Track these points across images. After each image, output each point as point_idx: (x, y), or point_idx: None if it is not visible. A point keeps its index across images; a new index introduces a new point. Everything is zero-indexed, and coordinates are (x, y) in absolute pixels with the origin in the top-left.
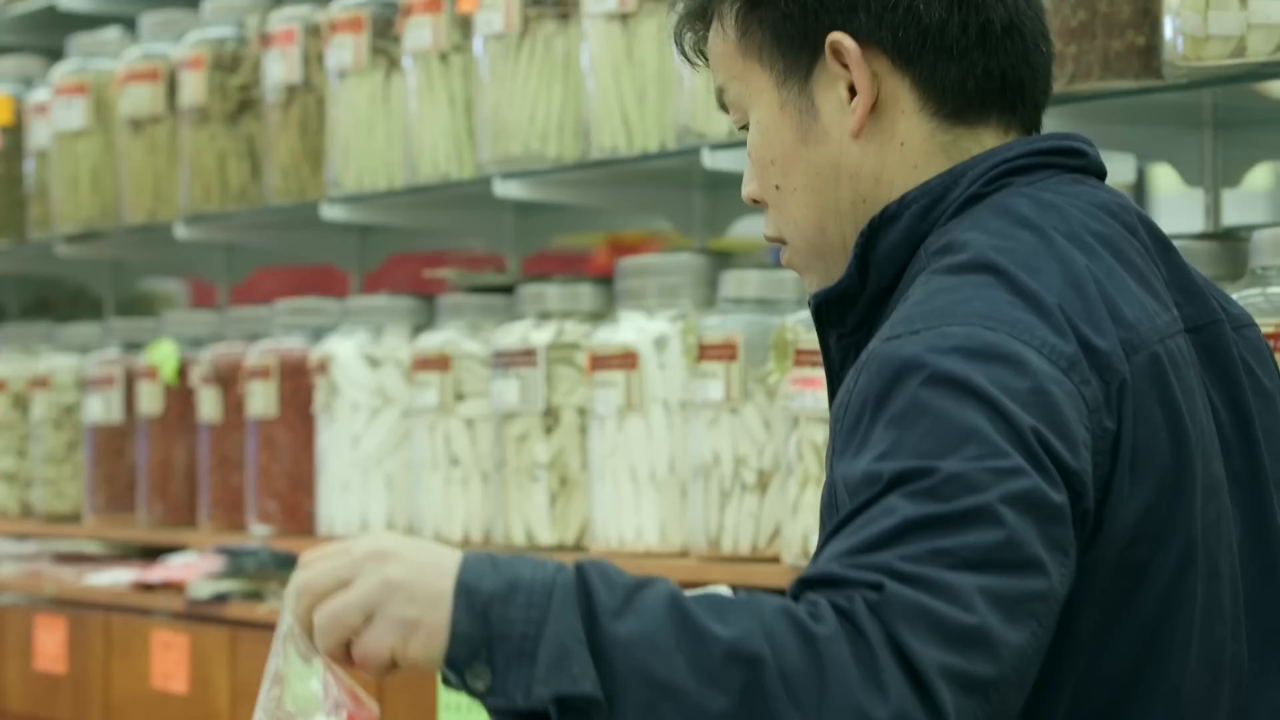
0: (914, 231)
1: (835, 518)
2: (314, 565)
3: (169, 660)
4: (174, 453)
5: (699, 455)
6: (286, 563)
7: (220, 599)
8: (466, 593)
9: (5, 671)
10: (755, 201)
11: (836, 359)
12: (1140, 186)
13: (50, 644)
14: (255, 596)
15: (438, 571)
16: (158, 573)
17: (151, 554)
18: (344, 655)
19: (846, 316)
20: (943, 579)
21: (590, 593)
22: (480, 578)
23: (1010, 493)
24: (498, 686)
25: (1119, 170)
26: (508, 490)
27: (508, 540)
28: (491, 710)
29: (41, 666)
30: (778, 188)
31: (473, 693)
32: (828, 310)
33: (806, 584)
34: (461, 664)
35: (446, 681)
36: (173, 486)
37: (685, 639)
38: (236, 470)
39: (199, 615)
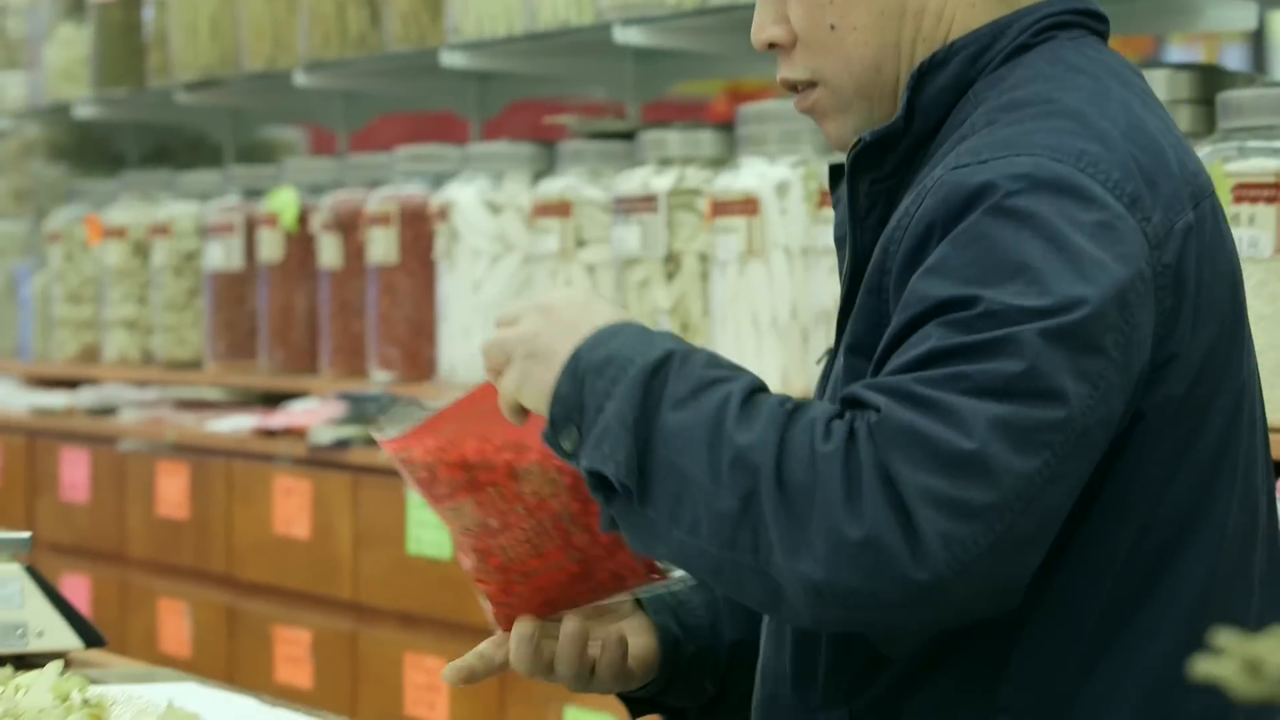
0: (961, 77)
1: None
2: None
3: (291, 506)
4: (294, 299)
5: (820, 301)
6: (408, 409)
7: (342, 445)
8: (575, 359)
9: (128, 518)
10: (773, 46)
11: (864, 205)
12: (1260, 35)
13: (172, 490)
14: (376, 442)
15: (572, 334)
16: (279, 419)
17: (272, 400)
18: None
19: (885, 159)
20: (950, 403)
21: (665, 379)
22: (594, 347)
23: (1045, 327)
24: (579, 450)
25: (1240, 17)
26: None
27: None
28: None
29: (164, 513)
30: (833, 27)
31: (562, 452)
32: (867, 153)
33: (844, 402)
34: (558, 423)
35: (546, 437)
36: (293, 333)
37: (713, 438)
38: (357, 317)
39: (320, 461)
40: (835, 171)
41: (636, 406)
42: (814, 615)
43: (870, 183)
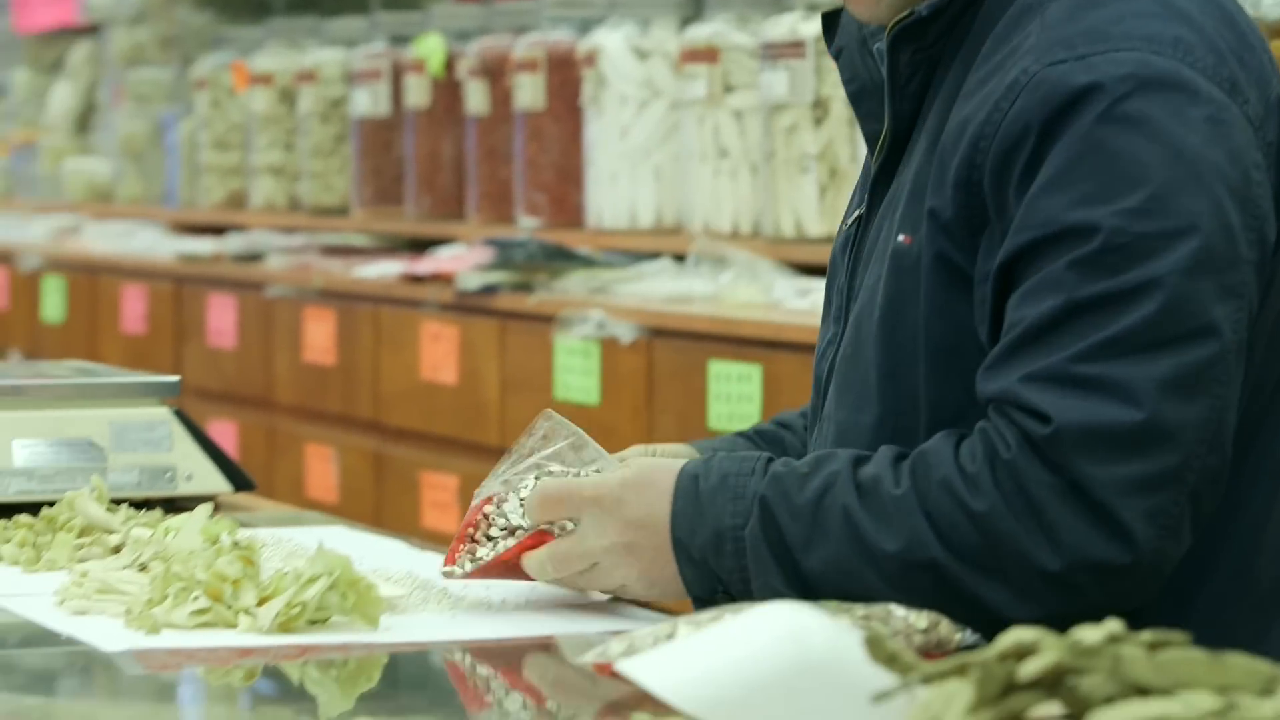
0: None
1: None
2: (548, 511)
3: (438, 352)
4: (441, 145)
5: None
6: (555, 254)
7: (489, 290)
8: (683, 549)
9: (275, 363)
10: None
11: (905, 74)
12: None
13: (319, 336)
14: (524, 288)
15: (654, 530)
16: (426, 264)
17: (419, 246)
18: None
19: (929, 31)
20: (1114, 378)
21: (780, 532)
22: (691, 533)
23: (1180, 258)
24: None
25: None
26: (777, 182)
27: (777, 232)
28: None
29: (311, 358)
30: None
31: None
32: (914, 26)
33: (989, 401)
34: (705, 598)
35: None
36: (440, 179)
37: (866, 558)
38: (504, 163)
39: (468, 306)
40: (828, 21)
41: (775, 571)
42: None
43: (913, 52)
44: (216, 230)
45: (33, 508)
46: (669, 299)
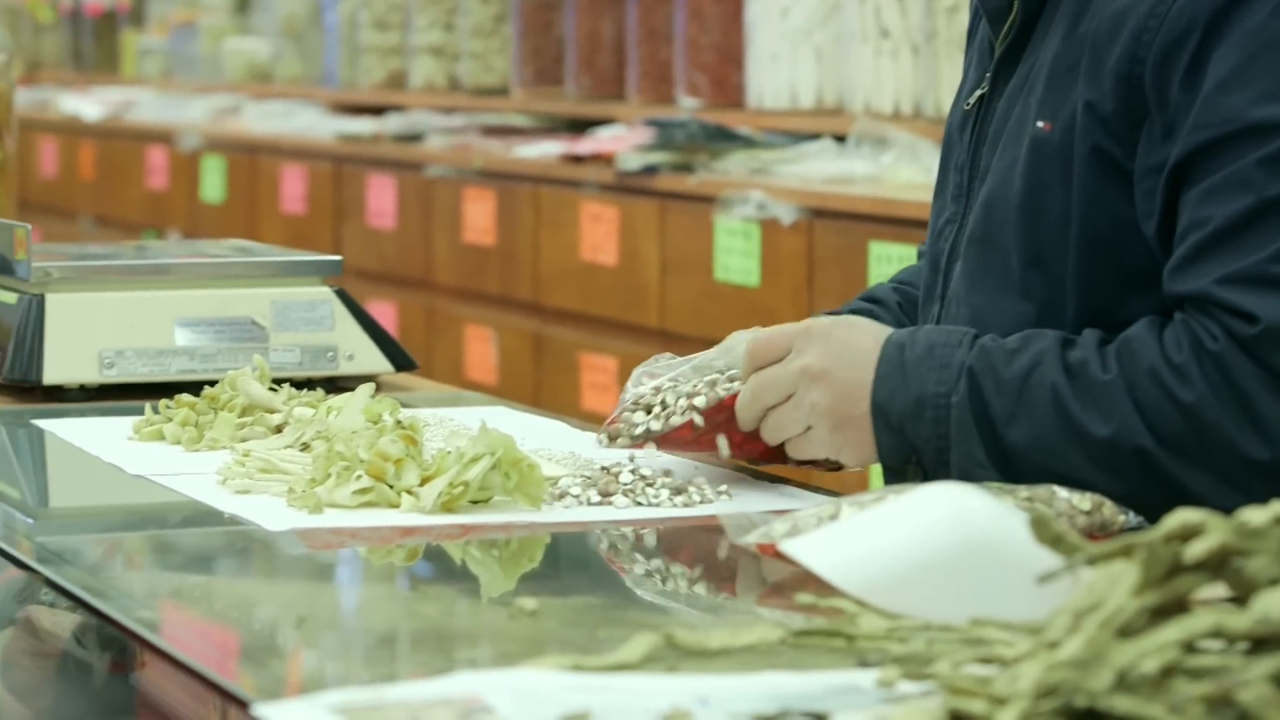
0: None
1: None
2: (763, 352)
3: (598, 232)
4: (601, 25)
5: None
6: (715, 135)
7: (649, 170)
8: (881, 413)
9: (435, 244)
10: None
11: None
12: None
13: (479, 216)
14: (684, 168)
15: (857, 395)
16: (586, 145)
17: (579, 127)
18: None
19: None
20: None
21: (985, 404)
22: (891, 397)
23: None
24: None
25: None
26: (938, 62)
27: (938, 112)
28: None
29: (470, 239)
30: None
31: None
32: None
33: (1182, 301)
34: (895, 466)
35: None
36: (600, 59)
37: (1073, 439)
38: (665, 43)
39: (628, 187)
40: None
41: (978, 442)
42: None
43: None
44: (376, 111)
45: (194, 387)
46: (829, 180)
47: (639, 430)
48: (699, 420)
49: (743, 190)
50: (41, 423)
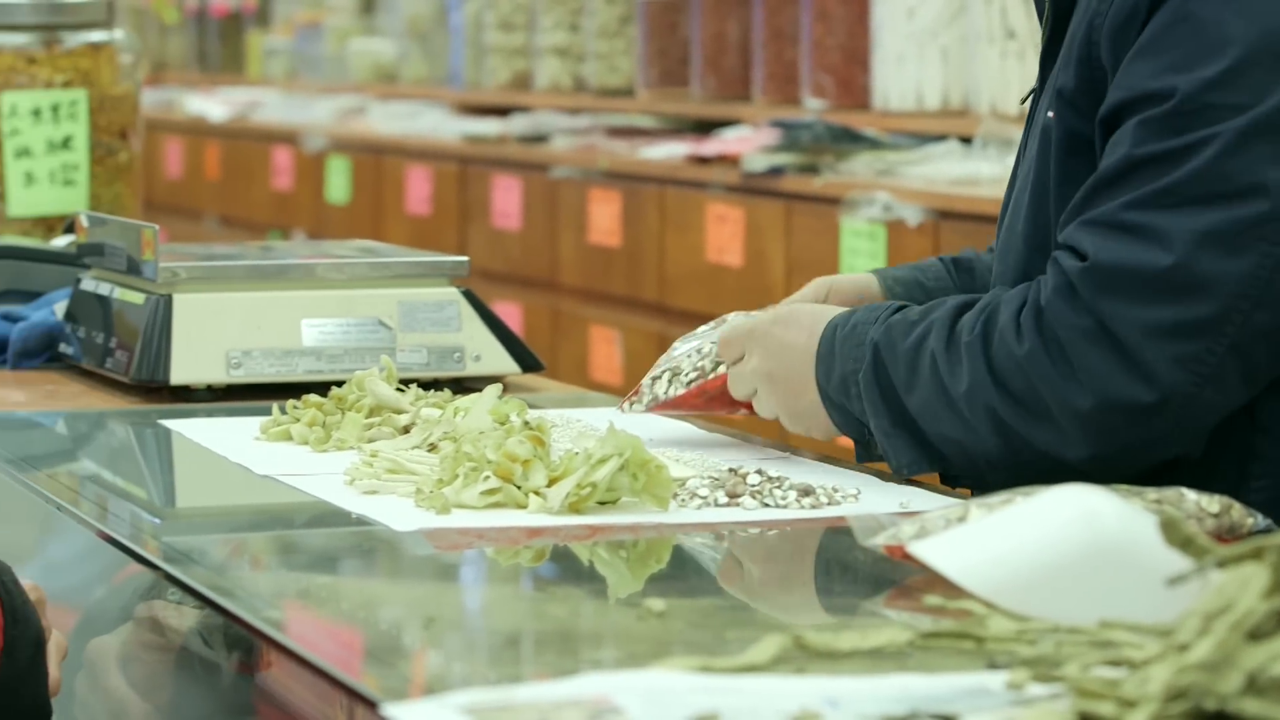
0: None
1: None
2: (725, 354)
3: (724, 233)
4: (727, 26)
5: None
6: (841, 136)
7: (775, 171)
8: (824, 394)
9: (560, 245)
10: None
11: None
12: None
13: (605, 217)
14: (810, 169)
15: (799, 388)
16: (712, 146)
17: (704, 128)
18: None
19: None
20: (1155, 225)
21: (885, 373)
22: (827, 378)
23: (1242, 121)
24: (888, 461)
25: None
26: None
27: None
28: None
29: (596, 240)
30: None
31: (877, 459)
32: None
33: (1060, 245)
34: (858, 439)
35: (860, 459)
36: (726, 60)
37: (944, 399)
38: (790, 44)
39: (754, 188)
40: None
41: (884, 413)
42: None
43: None
44: (501, 111)
45: (321, 387)
46: (955, 181)
47: (646, 400)
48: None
49: (868, 192)
50: (168, 423)
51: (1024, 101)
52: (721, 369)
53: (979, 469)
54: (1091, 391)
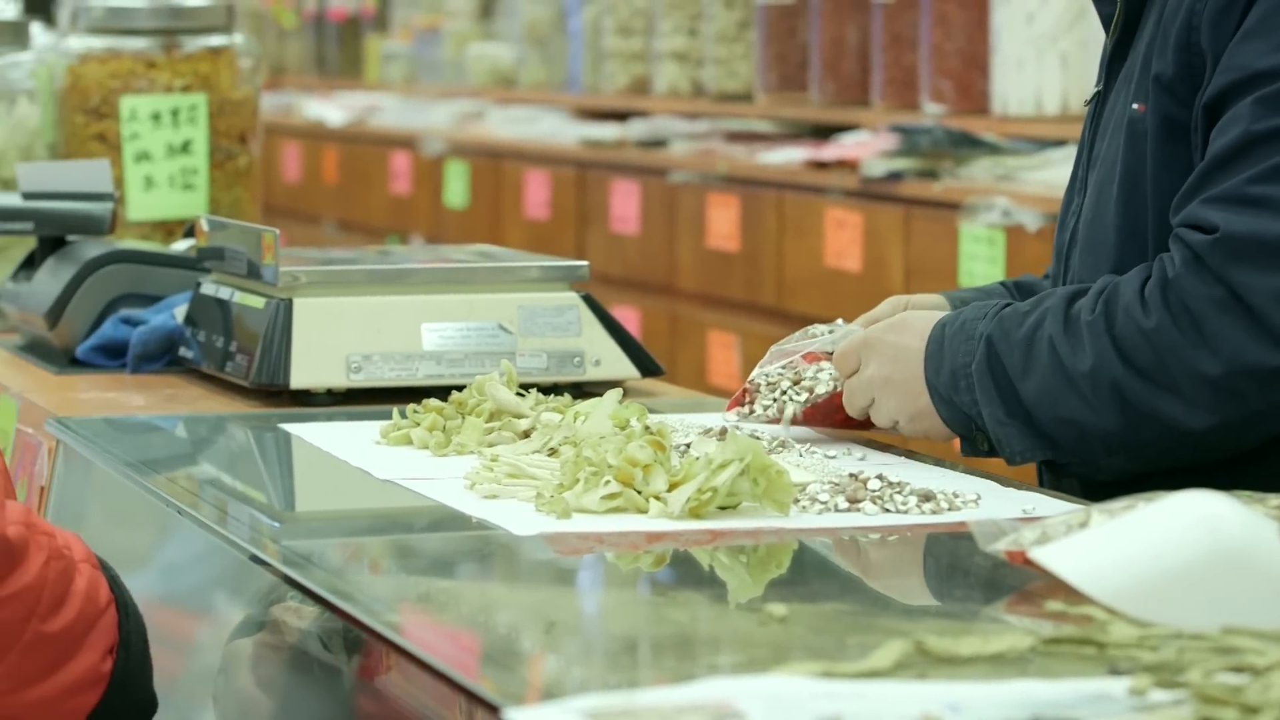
0: None
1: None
2: (842, 366)
3: (842, 238)
4: (846, 31)
5: None
6: (960, 141)
7: (894, 177)
8: (934, 390)
9: (678, 249)
10: None
11: None
12: None
13: (723, 222)
14: (929, 174)
15: (915, 390)
16: (831, 150)
17: (822, 133)
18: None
19: None
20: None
21: (1001, 365)
22: (936, 374)
23: None
24: (1000, 451)
25: None
26: None
27: None
28: None
29: (714, 245)
30: None
31: (986, 454)
32: None
33: (1181, 224)
34: (966, 435)
35: (965, 454)
36: (845, 65)
37: (1066, 380)
38: (909, 49)
39: (873, 193)
40: None
41: (998, 402)
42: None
43: None
44: (619, 116)
45: (441, 391)
46: None
47: (762, 411)
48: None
49: (987, 197)
50: (288, 427)
51: (1088, 103)
52: (831, 384)
53: (1094, 452)
54: (1222, 359)
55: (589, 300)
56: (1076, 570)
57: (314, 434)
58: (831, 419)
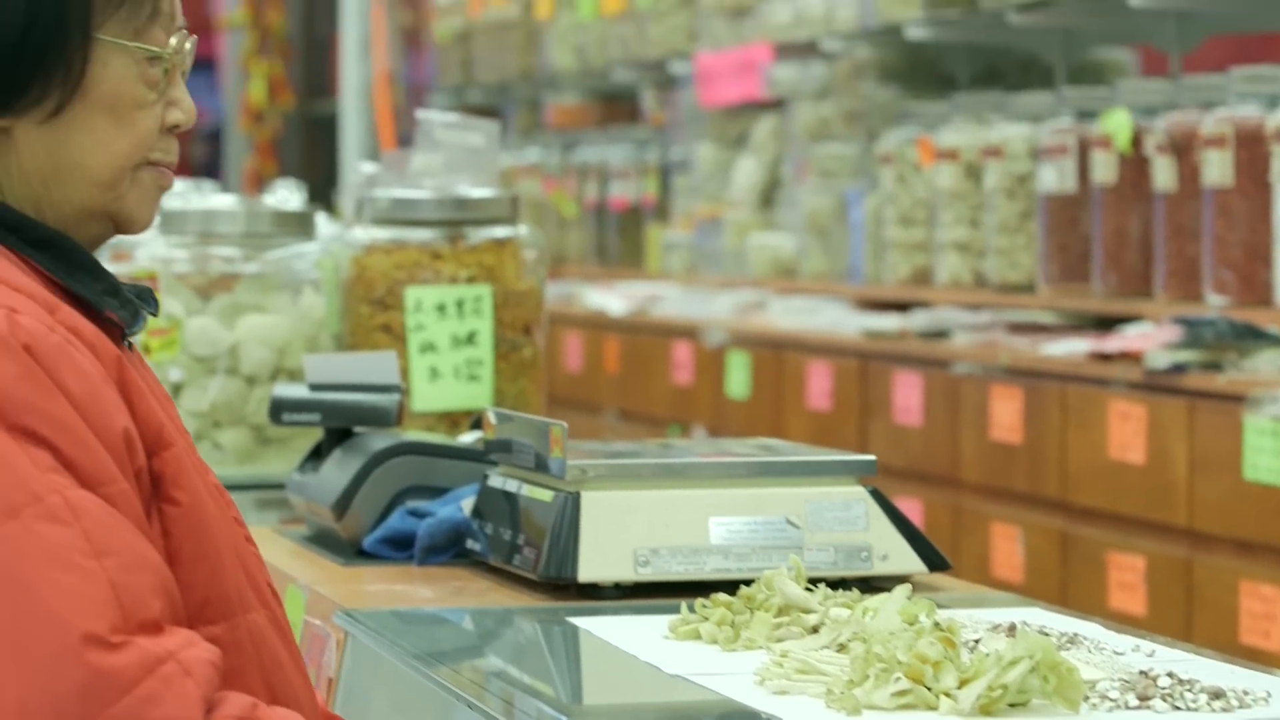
0: None
1: None
2: None
3: (1126, 430)
4: (1128, 222)
5: None
6: (1244, 333)
7: (1178, 369)
8: None
9: (962, 441)
10: None
11: None
12: None
13: (1006, 414)
14: (1214, 367)
15: None
16: (1114, 342)
17: (1105, 324)
18: None
19: None
20: None
21: None
22: None
23: None
24: None
25: None
26: None
27: None
28: None
29: (997, 436)
30: None
31: None
32: None
33: None
34: None
35: None
36: (1127, 256)
37: None
38: (1192, 240)
39: (1156, 385)
40: None
41: None
42: None
43: None
44: (901, 306)
45: (730, 586)
46: None
47: None
48: None
49: (1272, 389)
50: (576, 620)
51: None
52: None
53: None
54: None
55: (876, 494)
56: None
57: (602, 628)
58: None
